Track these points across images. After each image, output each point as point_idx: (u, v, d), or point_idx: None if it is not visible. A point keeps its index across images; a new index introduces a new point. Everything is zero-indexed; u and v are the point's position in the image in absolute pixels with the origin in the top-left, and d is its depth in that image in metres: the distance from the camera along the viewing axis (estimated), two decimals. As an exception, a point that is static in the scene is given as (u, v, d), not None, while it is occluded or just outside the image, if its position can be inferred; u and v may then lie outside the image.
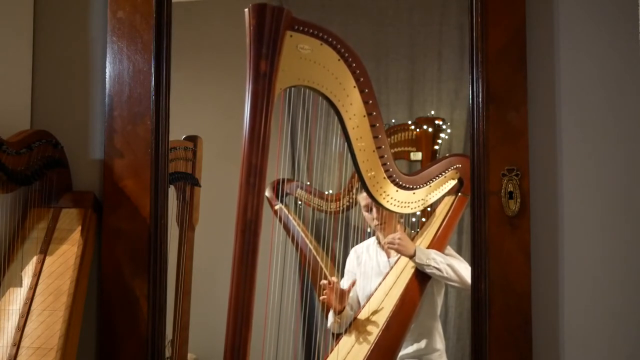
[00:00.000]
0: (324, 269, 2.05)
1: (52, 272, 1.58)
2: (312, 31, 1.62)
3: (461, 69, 1.99)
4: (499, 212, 1.58)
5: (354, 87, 1.69)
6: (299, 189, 2.10)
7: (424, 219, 2.04)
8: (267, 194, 2.06)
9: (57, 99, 1.80)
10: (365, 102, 1.71)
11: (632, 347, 1.56)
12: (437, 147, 2.06)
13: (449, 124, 2.05)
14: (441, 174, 1.96)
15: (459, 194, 2.00)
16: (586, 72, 1.61)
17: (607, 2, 1.61)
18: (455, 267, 1.91)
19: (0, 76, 1.71)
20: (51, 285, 1.57)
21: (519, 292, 1.56)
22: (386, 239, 1.97)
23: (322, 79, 1.65)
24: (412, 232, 2.05)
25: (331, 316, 1.98)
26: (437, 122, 2.06)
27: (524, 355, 1.55)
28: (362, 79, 1.69)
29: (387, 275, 1.99)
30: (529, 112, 1.59)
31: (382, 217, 2.00)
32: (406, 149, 2.07)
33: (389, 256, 2.03)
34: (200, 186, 2.02)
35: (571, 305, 1.58)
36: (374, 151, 1.76)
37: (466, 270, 1.83)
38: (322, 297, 1.94)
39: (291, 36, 1.60)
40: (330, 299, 1.93)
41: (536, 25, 1.62)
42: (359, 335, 1.91)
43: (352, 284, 1.97)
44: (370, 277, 2.02)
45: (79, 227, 1.65)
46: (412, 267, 1.95)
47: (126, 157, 1.70)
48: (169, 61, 1.72)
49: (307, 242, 2.09)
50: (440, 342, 1.97)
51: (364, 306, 1.96)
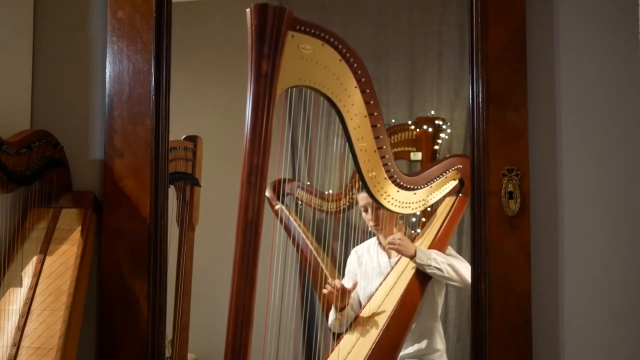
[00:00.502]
0: (325, 269, 2.05)
1: (52, 272, 1.58)
2: (313, 31, 1.62)
3: (461, 69, 1.99)
4: (499, 212, 1.58)
5: (355, 87, 1.69)
6: (299, 189, 2.10)
7: (424, 220, 2.04)
8: (268, 194, 2.06)
9: (57, 99, 1.80)
10: (366, 103, 1.71)
11: (632, 347, 1.56)
12: (437, 147, 2.06)
13: (449, 124, 2.05)
14: (442, 175, 1.96)
15: (460, 195, 2.00)
16: (586, 72, 1.61)
17: (607, 2, 1.61)
18: (456, 267, 1.91)
19: (0, 76, 1.71)
20: (51, 285, 1.57)
21: (519, 292, 1.56)
22: (387, 239, 1.97)
23: (323, 79, 1.66)
24: (413, 232, 2.05)
25: (332, 314, 1.98)
26: (437, 122, 2.06)
27: (524, 355, 1.56)
28: (363, 80, 1.69)
29: (387, 275, 1.99)
30: (529, 112, 1.59)
31: (379, 219, 2.00)
32: (406, 149, 2.07)
33: (390, 257, 2.02)
34: (200, 186, 2.02)
35: (571, 305, 1.58)
36: (375, 151, 1.76)
37: (467, 270, 1.83)
38: (324, 291, 1.94)
39: (293, 36, 1.60)
40: (332, 295, 1.93)
41: (536, 25, 1.62)
42: (359, 335, 1.91)
43: (354, 284, 1.98)
44: (371, 278, 2.02)
45: (79, 227, 1.64)
46: (412, 267, 1.95)
47: (126, 157, 1.70)
48: (169, 61, 1.71)
49: (308, 242, 2.08)
50: (440, 342, 1.97)
51: (365, 306, 1.96)
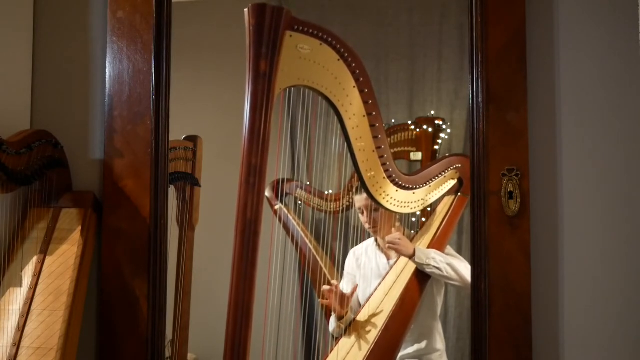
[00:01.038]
0: (324, 269, 2.05)
1: (52, 272, 1.58)
2: (311, 31, 1.62)
3: (461, 69, 1.99)
4: (499, 212, 1.58)
5: (354, 87, 1.69)
6: (298, 189, 2.10)
7: (423, 219, 2.04)
8: (267, 193, 2.06)
9: (57, 99, 1.80)
10: (365, 102, 1.71)
11: (632, 347, 1.56)
12: (437, 147, 2.06)
13: (449, 124, 2.05)
14: (441, 174, 1.96)
15: (459, 194, 2.00)
16: (586, 72, 1.61)
17: (607, 2, 1.61)
18: (455, 266, 1.91)
19: (0, 76, 1.71)
20: (51, 285, 1.57)
21: (519, 292, 1.56)
22: (387, 238, 1.97)
23: (321, 79, 1.66)
24: (412, 232, 2.05)
25: (333, 321, 1.97)
26: (437, 122, 2.06)
27: (524, 355, 1.55)
28: (361, 79, 1.69)
29: (386, 275, 1.99)
30: (529, 112, 1.59)
31: (375, 221, 1.99)
32: (406, 149, 2.07)
33: (389, 258, 2.02)
34: (200, 186, 2.02)
35: (571, 305, 1.58)
36: (374, 151, 1.76)
37: (466, 269, 1.83)
38: (324, 301, 1.94)
39: (291, 36, 1.60)
40: (332, 303, 1.93)
41: (536, 25, 1.62)
42: (359, 335, 1.90)
43: (354, 289, 1.97)
44: (370, 279, 2.01)
45: (79, 227, 1.64)
46: (411, 267, 1.95)
47: (126, 157, 1.70)
48: (169, 61, 1.71)
49: (307, 241, 2.09)
50: (440, 342, 1.97)
51: (364, 307, 1.96)
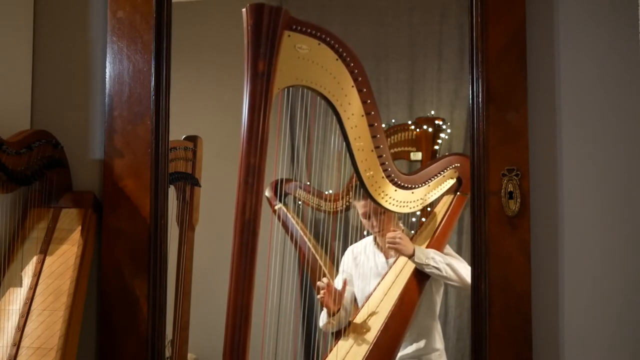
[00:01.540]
0: (323, 268, 2.05)
1: (52, 272, 1.58)
2: (310, 31, 1.62)
3: (461, 69, 1.98)
4: (499, 212, 1.58)
5: (352, 86, 1.69)
6: (298, 189, 2.10)
7: (423, 219, 2.03)
8: (267, 193, 2.07)
9: (57, 99, 1.80)
10: (363, 102, 1.71)
11: (632, 347, 1.55)
12: (437, 147, 2.06)
13: (449, 124, 2.05)
14: (440, 173, 1.95)
15: (458, 193, 2.00)
16: (586, 72, 1.60)
17: (607, 2, 1.61)
18: (454, 267, 1.91)
19: (0, 76, 1.71)
20: (51, 285, 1.57)
21: (519, 292, 1.56)
22: (387, 235, 1.97)
23: (320, 79, 1.66)
24: (412, 232, 2.05)
25: (324, 317, 1.97)
26: (437, 122, 2.05)
27: (524, 355, 1.55)
28: (360, 79, 1.69)
29: (385, 275, 1.99)
30: (529, 112, 1.59)
31: (380, 224, 1.99)
32: (406, 149, 2.07)
33: (387, 257, 2.02)
34: (200, 186, 2.02)
35: (571, 305, 1.58)
36: (373, 151, 1.76)
37: (465, 269, 1.83)
38: (320, 296, 1.94)
39: (289, 36, 1.60)
40: (327, 300, 1.93)
41: (536, 25, 1.62)
42: (358, 335, 1.90)
43: (344, 285, 1.96)
44: (368, 279, 2.01)
45: (79, 227, 1.65)
46: (410, 266, 1.95)
47: (126, 157, 1.70)
48: (169, 61, 1.72)
49: (307, 241, 2.09)
50: (439, 342, 1.97)
51: (363, 306, 1.96)
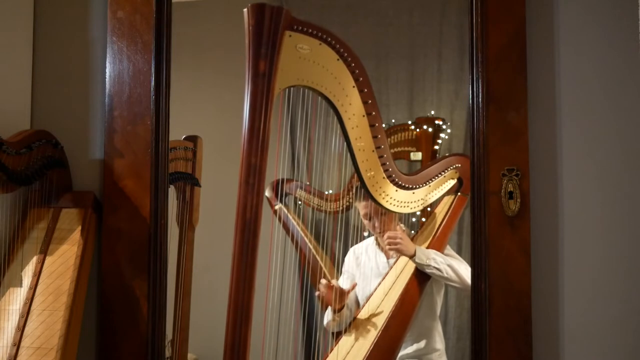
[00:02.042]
0: (324, 269, 2.05)
1: (52, 272, 1.58)
2: (311, 31, 1.62)
3: (461, 69, 1.99)
4: (499, 212, 1.58)
5: (353, 86, 1.69)
6: (298, 189, 2.10)
7: (423, 219, 2.04)
8: (267, 193, 2.07)
9: (57, 99, 1.80)
10: (364, 102, 1.71)
11: (632, 347, 1.56)
12: (437, 147, 2.06)
13: (449, 124, 2.05)
14: (440, 174, 1.95)
15: (459, 194, 2.00)
16: (586, 72, 1.61)
17: (607, 2, 1.61)
18: (455, 268, 1.91)
19: (0, 76, 1.71)
20: (51, 285, 1.57)
21: (519, 292, 1.56)
22: (387, 234, 1.97)
23: (321, 79, 1.66)
24: (412, 232, 2.05)
25: (328, 314, 1.97)
26: (437, 122, 2.06)
27: (524, 355, 1.55)
28: (361, 79, 1.69)
29: (386, 275, 1.99)
30: (529, 112, 1.59)
31: (382, 225, 1.99)
32: (406, 149, 2.07)
33: (388, 257, 2.02)
34: (200, 186, 2.02)
35: (571, 305, 1.58)
36: (373, 151, 1.76)
37: (466, 270, 1.83)
38: (319, 293, 1.94)
39: (290, 36, 1.60)
40: (329, 297, 1.93)
41: (536, 25, 1.62)
42: (358, 335, 1.90)
43: (353, 286, 1.97)
44: (369, 279, 2.01)
45: (79, 227, 1.65)
46: (411, 267, 1.95)
47: (126, 157, 1.70)
48: (169, 61, 1.72)
49: (307, 241, 2.09)
50: (440, 342, 1.97)
51: (364, 306, 1.96)
